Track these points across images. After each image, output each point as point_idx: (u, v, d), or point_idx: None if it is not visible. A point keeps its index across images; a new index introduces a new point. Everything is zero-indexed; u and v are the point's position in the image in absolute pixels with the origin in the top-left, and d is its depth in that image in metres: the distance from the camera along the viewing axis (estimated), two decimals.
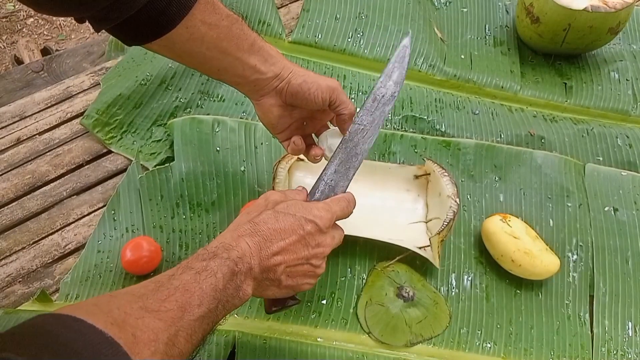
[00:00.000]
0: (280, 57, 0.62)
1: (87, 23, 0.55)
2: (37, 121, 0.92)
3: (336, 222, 0.58)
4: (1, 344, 0.31)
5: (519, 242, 0.76)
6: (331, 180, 0.60)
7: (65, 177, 0.87)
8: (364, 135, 0.62)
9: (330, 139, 0.65)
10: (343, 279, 0.77)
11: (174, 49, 0.58)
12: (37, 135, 0.91)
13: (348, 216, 0.59)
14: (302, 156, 0.70)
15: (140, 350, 0.36)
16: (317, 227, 0.53)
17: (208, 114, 0.90)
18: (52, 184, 0.86)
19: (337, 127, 0.65)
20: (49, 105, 0.94)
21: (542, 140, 0.94)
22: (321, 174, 0.61)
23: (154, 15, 0.53)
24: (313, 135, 0.69)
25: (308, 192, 0.61)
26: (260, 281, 0.50)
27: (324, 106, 0.62)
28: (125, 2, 0.51)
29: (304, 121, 0.66)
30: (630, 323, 0.77)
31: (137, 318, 0.38)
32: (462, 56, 1.06)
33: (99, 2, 0.50)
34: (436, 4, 1.12)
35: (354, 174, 0.61)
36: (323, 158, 0.65)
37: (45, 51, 1.34)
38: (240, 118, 0.90)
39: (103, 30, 0.56)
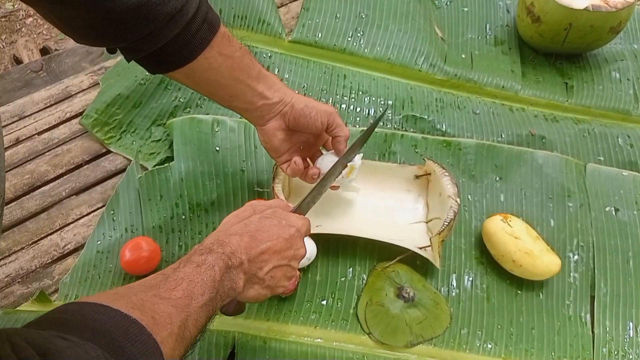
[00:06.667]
0: (282, 84, 0.69)
1: None
2: (36, 121, 0.92)
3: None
4: (51, 328, 0.36)
5: (519, 242, 0.76)
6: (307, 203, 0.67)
7: (65, 177, 0.86)
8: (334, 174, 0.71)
9: (327, 162, 0.71)
10: (343, 279, 0.77)
11: (194, 78, 0.64)
12: (36, 135, 0.90)
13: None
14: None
15: (159, 331, 0.41)
16: (298, 232, 0.59)
17: (207, 114, 0.90)
18: (51, 184, 0.85)
19: (330, 152, 0.72)
20: (48, 105, 0.94)
21: (543, 140, 0.94)
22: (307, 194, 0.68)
23: (178, 48, 0.59)
24: (308, 159, 0.75)
25: (292, 206, 0.66)
26: (249, 277, 0.54)
27: (322, 129, 0.68)
28: (155, 36, 0.57)
29: (301, 145, 0.73)
30: (631, 323, 0.77)
31: (153, 304, 0.43)
32: (463, 56, 1.05)
33: (132, 35, 0.56)
34: (437, 3, 1.12)
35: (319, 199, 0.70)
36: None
37: (44, 51, 1.34)
38: (240, 118, 0.90)
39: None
